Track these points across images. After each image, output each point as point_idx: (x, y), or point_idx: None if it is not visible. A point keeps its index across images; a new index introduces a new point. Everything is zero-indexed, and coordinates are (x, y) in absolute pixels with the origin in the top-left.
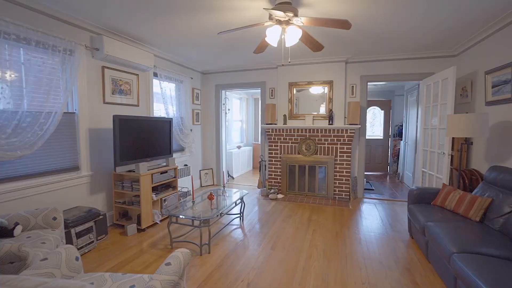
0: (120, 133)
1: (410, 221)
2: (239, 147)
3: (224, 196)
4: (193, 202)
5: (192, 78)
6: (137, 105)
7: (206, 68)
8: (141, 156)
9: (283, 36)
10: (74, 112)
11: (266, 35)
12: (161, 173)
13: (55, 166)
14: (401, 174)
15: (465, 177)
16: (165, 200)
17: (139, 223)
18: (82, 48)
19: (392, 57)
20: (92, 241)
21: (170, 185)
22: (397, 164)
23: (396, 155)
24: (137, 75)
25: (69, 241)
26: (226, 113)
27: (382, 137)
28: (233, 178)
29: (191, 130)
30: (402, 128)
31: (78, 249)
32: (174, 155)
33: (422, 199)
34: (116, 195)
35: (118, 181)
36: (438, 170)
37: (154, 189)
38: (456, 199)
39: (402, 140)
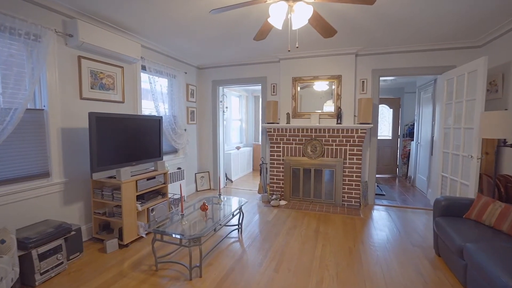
0: (98, 134)
1: (437, 236)
2: (238, 148)
3: (220, 205)
4: (182, 215)
5: (186, 73)
6: (122, 102)
7: (201, 62)
8: (124, 160)
9: (289, 16)
10: (43, 109)
11: (269, 14)
12: (147, 179)
13: (18, 172)
14: (412, 177)
15: (499, 185)
16: (152, 210)
17: (121, 237)
18: (51, 33)
19: (407, 48)
20: (61, 262)
21: (159, 192)
22: (407, 166)
23: (406, 156)
24: (122, 67)
25: (27, 266)
26: (224, 111)
27: (390, 137)
28: (231, 181)
29: (185, 129)
30: (413, 128)
31: (42, 273)
32: (166, 157)
33: (452, 211)
34: (96, 205)
35: (98, 188)
36: (462, 175)
37: (140, 197)
38: (497, 213)
39: (413, 140)
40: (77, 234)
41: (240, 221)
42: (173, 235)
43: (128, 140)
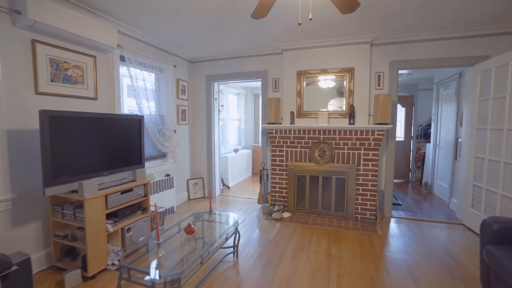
0: (53, 138)
1: (487, 268)
2: (236, 150)
3: (211, 224)
4: (158, 244)
5: (175, 67)
6: (95, 98)
7: (193, 54)
8: (92, 170)
9: None
10: None
11: None
12: (122, 192)
13: None
14: (429, 183)
15: None
16: (129, 229)
17: (85, 267)
18: None
19: (432, 36)
20: None
21: (139, 207)
22: (422, 170)
23: (420, 160)
24: (94, 57)
25: None
26: (219, 110)
27: (403, 139)
28: (228, 187)
29: (174, 131)
30: (428, 129)
31: None
32: (152, 163)
33: (508, 237)
34: (56, 226)
35: (58, 205)
36: (505, 186)
37: (112, 215)
38: None
39: (429, 142)
40: (24, 267)
41: (236, 243)
42: (144, 274)
43: (98, 144)
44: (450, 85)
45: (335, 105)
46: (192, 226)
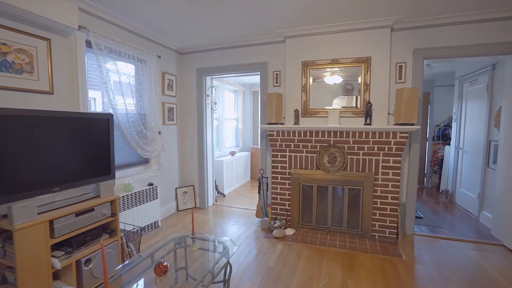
0: None
1: None
2: (233, 153)
3: (194, 254)
4: None
5: (160, 57)
6: (50, 92)
7: (182, 43)
8: (36, 186)
9: None
10: None
11: None
12: (77, 214)
13: None
14: (450, 191)
15: None
16: (88, 261)
17: None
18: None
19: (467, 18)
20: None
21: (105, 230)
22: (439, 176)
23: (437, 164)
24: (48, 40)
25: None
26: (212, 108)
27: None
28: (223, 195)
29: (159, 132)
30: (446, 129)
31: None
32: (132, 170)
33: None
34: None
35: None
36: None
37: (64, 244)
38: None
39: (448, 144)
40: None
41: (228, 276)
42: None
43: (46, 152)
44: (479, 79)
45: (348, 102)
46: (164, 264)
